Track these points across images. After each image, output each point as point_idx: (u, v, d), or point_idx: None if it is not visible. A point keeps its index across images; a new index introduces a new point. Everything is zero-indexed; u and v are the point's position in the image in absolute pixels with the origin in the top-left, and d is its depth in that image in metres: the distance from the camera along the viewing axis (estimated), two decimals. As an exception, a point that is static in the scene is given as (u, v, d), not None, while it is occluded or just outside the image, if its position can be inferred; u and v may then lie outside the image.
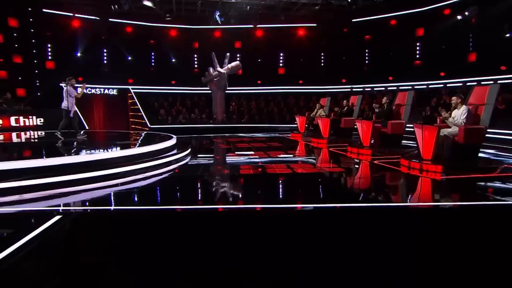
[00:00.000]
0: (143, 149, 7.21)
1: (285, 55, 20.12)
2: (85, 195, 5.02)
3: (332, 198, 4.82)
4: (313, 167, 7.07)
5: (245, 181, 5.89)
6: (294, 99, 19.42)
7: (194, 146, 10.91)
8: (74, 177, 5.36)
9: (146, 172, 6.33)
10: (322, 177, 6.19)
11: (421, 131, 6.38)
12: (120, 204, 4.57)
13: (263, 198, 4.82)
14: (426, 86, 15.98)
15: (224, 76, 17.11)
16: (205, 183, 5.86)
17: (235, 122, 17.47)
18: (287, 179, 5.91)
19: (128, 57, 18.35)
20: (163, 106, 18.14)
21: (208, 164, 7.83)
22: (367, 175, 6.46)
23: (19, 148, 8.67)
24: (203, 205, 4.50)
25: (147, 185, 5.66)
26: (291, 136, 13.46)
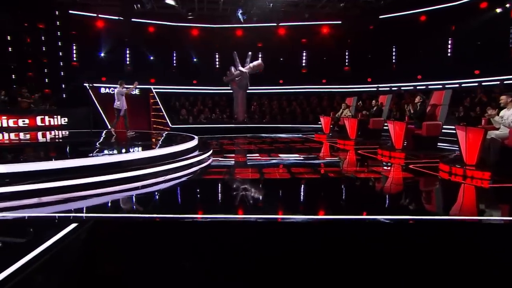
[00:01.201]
0: (164, 151, 6.96)
1: (308, 53, 19.60)
2: (104, 199, 4.78)
3: (365, 208, 4.37)
4: (343, 171, 6.61)
5: (269, 186, 5.51)
6: (317, 99, 18.88)
7: (215, 146, 10.63)
8: (93, 180, 5.13)
9: (167, 175, 6.06)
10: (353, 183, 5.72)
11: (464, 133, 5.80)
12: (139, 210, 4.30)
13: (288, 207, 4.42)
14: (458, 85, 15.08)
15: (246, 75, 16.79)
16: (227, 188, 5.51)
17: (256, 122, 17.11)
18: (315, 185, 5.49)
19: (150, 57, 18.34)
20: (185, 106, 18.01)
21: (231, 166, 7.50)
22: (403, 182, 5.93)
23: (41, 148, 8.63)
24: (224, 213, 4.15)
25: (168, 189, 5.37)
26: (316, 137, 12.98)
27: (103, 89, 17.14)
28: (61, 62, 16.54)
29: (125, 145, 8.65)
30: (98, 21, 16.65)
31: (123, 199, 4.81)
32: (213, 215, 3.94)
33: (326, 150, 10.03)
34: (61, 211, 4.22)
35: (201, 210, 4.23)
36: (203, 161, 7.56)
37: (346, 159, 8.40)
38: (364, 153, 8.64)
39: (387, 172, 6.70)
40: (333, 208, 4.32)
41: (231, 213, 4.09)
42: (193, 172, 6.57)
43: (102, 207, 4.47)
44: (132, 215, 4.02)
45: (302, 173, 6.20)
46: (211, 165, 7.41)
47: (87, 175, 5.11)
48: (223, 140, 13.32)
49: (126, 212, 4.23)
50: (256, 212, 4.08)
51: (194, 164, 7.13)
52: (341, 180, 5.94)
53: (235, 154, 9.58)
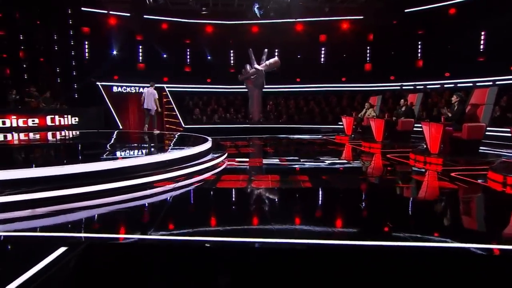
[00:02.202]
0: (174, 155, 6.34)
1: (327, 50, 18.76)
2: (100, 214, 4.16)
3: (406, 229, 3.61)
4: (375, 180, 5.83)
5: (293, 199, 4.80)
6: (336, 98, 18.04)
7: (230, 148, 9.98)
8: (89, 190, 4.54)
9: (177, 182, 5.44)
10: (391, 196, 4.95)
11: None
12: (140, 229, 3.66)
13: (321, 227, 3.70)
14: (492, 82, 13.97)
15: (262, 73, 16.12)
16: (243, 201, 4.82)
17: (272, 123, 16.44)
18: (350, 198, 4.74)
19: (164, 54, 17.88)
20: (198, 105, 17.49)
21: (247, 171, 6.82)
22: (451, 194, 5.12)
23: (43, 151, 8.16)
24: (239, 235, 3.46)
25: (174, 202, 4.73)
26: (337, 138, 12.18)
27: (115, 87, 16.76)
28: (73, 61, 16.22)
29: (133, 148, 8.10)
30: (111, 18, 16.26)
31: (121, 215, 4.18)
32: (226, 238, 3.26)
33: (351, 154, 9.24)
34: (48, 228, 3.61)
35: (212, 230, 3.56)
36: (217, 166, 6.92)
37: (376, 165, 7.60)
38: (394, 158, 7.82)
39: (428, 180, 5.89)
40: (383, 231, 3.57)
41: (247, 235, 3.40)
42: (205, 179, 5.93)
43: (98, 224, 3.85)
44: (131, 237, 3.38)
45: (331, 183, 5.46)
46: (225, 170, 6.76)
47: (83, 184, 4.53)
48: (238, 142, 12.68)
49: (124, 231, 3.59)
50: (279, 235, 3.38)
51: (206, 169, 6.50)
52: (381, 191, 5.18)
53: (251, 157, 8.90)
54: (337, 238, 3.23)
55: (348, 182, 5.65)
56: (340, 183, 5.61)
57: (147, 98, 10.50)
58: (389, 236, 3.27)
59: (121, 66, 16.44)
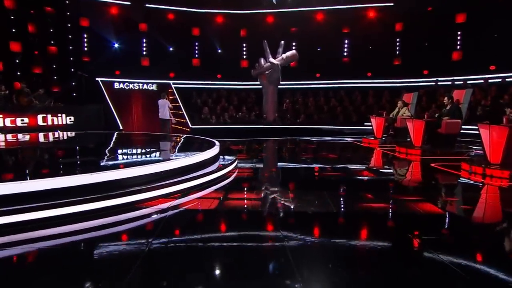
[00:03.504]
0: (171, 164, 5.35)
1: (350, 42, 17.61)
2: (62, 247, 3.17)
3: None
4: (433, 203, 4.69)
5: (334, 232, 3.71)
6: (361, 96, 16.82)
7: (241, 154, 8.97)
8: (56, 213, 3.59)
9: (173, 199, 4.46)
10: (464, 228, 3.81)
11: None
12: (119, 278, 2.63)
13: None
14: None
15: (277, 68, 15.08)
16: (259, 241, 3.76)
17: (289, 123, 15.38)
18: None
19: (170, 48, 17.05)
20: (207, 103, 16.59)
21: (262, 186, 5.77)
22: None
23: (13, 157, 7.29)
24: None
25: (167, 239, 3.71)
26: (364, 142, 11.01)
27: (116, 84, 15.99)
28: (71, 57, 15.50)
29: (124, 155, 7.14)
30: (111, 8, 15.50)
31: (100, 250, 3.18)
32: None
33: (390, 163, 8.09)
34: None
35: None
36: (225, 177, 5.91)
37: (425, 177, 6.45)
38: (441, 168, 6.64)
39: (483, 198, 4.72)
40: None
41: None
42: (207, 196, 4.91)
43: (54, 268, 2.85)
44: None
45: (384, 212, 4.35)
46: (234, 183, 5.74)
47: (49, 206, 3.57)
48: (250, 145, 11.66)
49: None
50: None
51: (211, 182, 5.49)
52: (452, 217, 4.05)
53: (266, 165, 7.85)
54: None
55: (396, 203, 4.53)
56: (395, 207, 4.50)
57: (160, 108, 11.62)
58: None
59: (123, 60, 15.68)
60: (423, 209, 4.15)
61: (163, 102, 11.76)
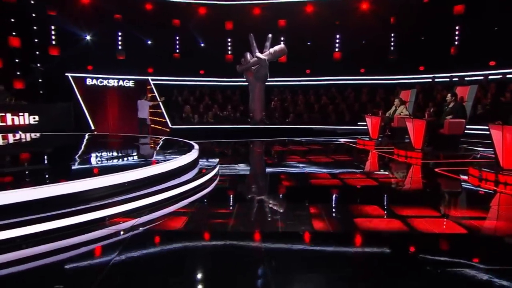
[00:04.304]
0: (138, 173, 4.69)
1: (342, 36, 17.18)
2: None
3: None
4: (452, 220, 4.12)
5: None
6: (354, 93, 16.38)
7: (225, 157, 8.33)
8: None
9: (136, 218, 3.80)
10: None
11: None
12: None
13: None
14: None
15: (265, 63, 14.47)
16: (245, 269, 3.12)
17: (277, 123, 14.81)
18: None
19: (148, 41, 16.31)
20: (189, 101, 15.90)
21: (247, 199, 5.15)
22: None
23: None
24: None
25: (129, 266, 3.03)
26: (359, 143, 10.49)
27: (89, 80, 15.15)
28: (36, 51, 14.54)
29: (84, 162, 6.40)
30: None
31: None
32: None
33: (389, 168, 7.59)
34: None
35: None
36: (203, 187, 5.27)
37: (431, 186, 5.92)
38: (447, 173, 6.14)
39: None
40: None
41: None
42: (180, 210, 4.26)
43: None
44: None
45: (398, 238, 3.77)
46: (213, 195, 5.11)
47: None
48: (235, 147, 11.04)
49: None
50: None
51: (186, 193, 4.85)
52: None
53: (251, 171, 7.22)
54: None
55: (406, 225, 3.96)
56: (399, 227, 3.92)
57: (139, 108, 11.94)
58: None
59: (96, 54, 14.86)
60: (439, 229, 3.58)
61: (144, 103, 12.17)
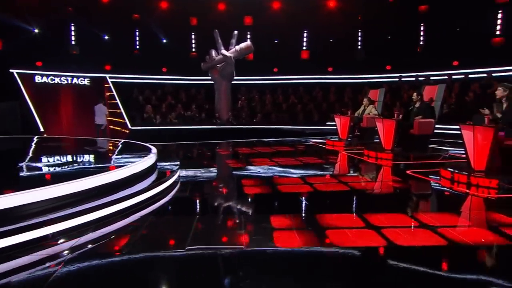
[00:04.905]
0: (83, 184, 4.16)
1: (310, 34, 17.10)
2: None
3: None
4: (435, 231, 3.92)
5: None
6: (322, 92, 16.35)
7: (187, 161, 7.86)
8: None
9: (77, 238, 3.31)
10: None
11: None
12: None
13: None
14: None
15: (231, 61, 14.09)
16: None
17: (245, 123, 14.47)
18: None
19: (105, 36, 15.47)
20: (150, 100, 15.23)
21: (209, 208, 4.75)
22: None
23: None
24: None
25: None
26: (328, 144, 10.34)
27: (38, 77, 14.12)
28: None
29: (29, 170, 5.73)
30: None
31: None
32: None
33: (360, 170, 7.42)
34: None
35: None
36: (160, 197, 4.82)
37: (405, 191, 5.77)
38: (419, 176, 6.03)
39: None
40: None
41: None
42: (130, 225, 3.80)
43: None
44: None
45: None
46: (173, 205, 4.68)
47: None
48: (200, 148, 10.57)
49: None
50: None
51: (140, 205, 4.39)
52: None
53: (216, 176, 6.81)
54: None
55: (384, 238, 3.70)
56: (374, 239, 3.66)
57: (96, 113, 11.89)
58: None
59: (46, 49, 13.88)
60: (416, 240, 3.35)
61: (101, 107, 12.11)
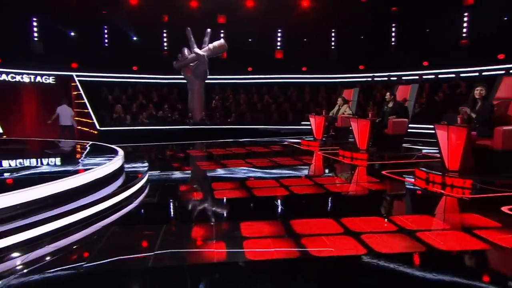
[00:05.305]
0: (38, 192, 3.80)
1: (284, 33, 17.03)
2: None
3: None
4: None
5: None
6: (296, 92, 16.29)
7: (158, 163, 7.51)
8: None
9: (32, 250, 2.97)
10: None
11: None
12: None
13: None
14: (478, 73, 13.07)
15: (204, 59, 13.78)
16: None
17: (219, 123, 14.19)
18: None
19: (71, 32, 14.76)
20: (120, 100, 14.67)
21: (178, 216, 4.47)
22: None
23: None
24: None
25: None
26: (303, 144, 10.23)
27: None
28: None
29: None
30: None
31: None
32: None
33: (335, 171, 7.31)
34: None
35: None
36: (126, 204, 4.51)
37: (381, 193, 5.67)
38: (395, 176, 5.97)
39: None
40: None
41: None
42: (90, 237, 3.48)
43: None
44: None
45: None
46: (139, 213, 4.37)
47: None
48: (172, 150, 10.20)
49: None
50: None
51: (103, 213, 4.06)
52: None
53: (189, 180, 6.52)
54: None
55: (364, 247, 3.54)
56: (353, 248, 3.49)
57: (60, 114, 11.10)
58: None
59: (5, 45, 13.10)
60: (396, 247, 3.21)
61: (65, 108, 11.34)
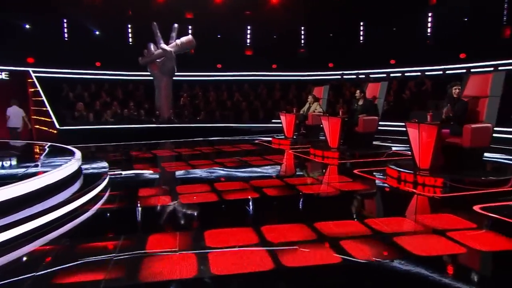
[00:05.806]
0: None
1: (253, 29, 16.80)
2: None
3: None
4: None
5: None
6: (266, 89, 16.09)
7: (120, 165, 7.05)
8: None
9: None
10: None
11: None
12: None
13: None
14: (442, 71, 13.39)
15: (171, 56, 13.29)
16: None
17: (187, 121, 13.74)
18: None
19: (25, 25, 13.79)
20: (82, 97, 13.88)
21: (140, 234, 4.12)
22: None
23: None
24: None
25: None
26: (274, 142, 10.04)
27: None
28: None
29: None
30: None
31: None
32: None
33: (307, 171, 7.15)
34: None
35: None
36: (82, 211, 4.11)
37: (355, 194, 5.54)
38: (367, 176, 5.88)
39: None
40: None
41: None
42: (41, 249, 3.08)
43: None
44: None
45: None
46: (95, 222, 3.99)
47: None
48: (137, 150, 9.69)
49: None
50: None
51: (55, 222, 3.65)
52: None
53: (153, 183, 6.13)
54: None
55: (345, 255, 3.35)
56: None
57: (11, 116, 10.49)
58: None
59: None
60: (372, 252, 3.04)
61: (16, 110, 10.55)
